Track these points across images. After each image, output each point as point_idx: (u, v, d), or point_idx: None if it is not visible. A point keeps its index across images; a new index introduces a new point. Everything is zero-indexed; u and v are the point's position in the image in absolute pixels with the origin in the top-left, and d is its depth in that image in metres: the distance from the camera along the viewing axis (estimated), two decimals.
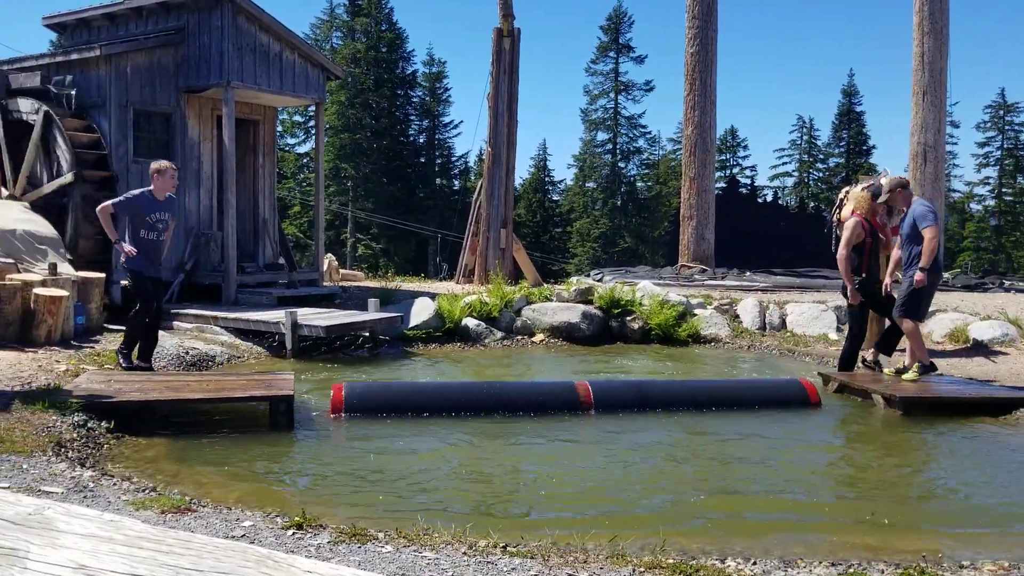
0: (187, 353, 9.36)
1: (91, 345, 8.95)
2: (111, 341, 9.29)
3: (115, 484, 4.64)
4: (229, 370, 9.22)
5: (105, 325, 10.11)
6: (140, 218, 7.96)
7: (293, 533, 3.81)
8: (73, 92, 11.85)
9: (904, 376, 8.43)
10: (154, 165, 8.25)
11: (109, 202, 8.07)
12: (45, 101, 11.71)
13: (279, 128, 46.57)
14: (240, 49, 12.36)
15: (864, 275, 8.74)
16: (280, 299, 12.41)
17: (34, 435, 5.39)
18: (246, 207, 13.99)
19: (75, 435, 5.69)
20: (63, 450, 5.32)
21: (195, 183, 12.87)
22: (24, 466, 4.74)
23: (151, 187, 8.08)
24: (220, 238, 12.84)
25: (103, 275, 10.61)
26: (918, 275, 8.17)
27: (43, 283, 9.11)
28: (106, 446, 5.77)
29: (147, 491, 4.55)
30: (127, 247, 7.84)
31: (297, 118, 49.54)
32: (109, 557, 1.15)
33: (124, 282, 12.31)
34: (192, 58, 12.48)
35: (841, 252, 8.75)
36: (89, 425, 5.97)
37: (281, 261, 14.46)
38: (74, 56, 12.09)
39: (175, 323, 11.02)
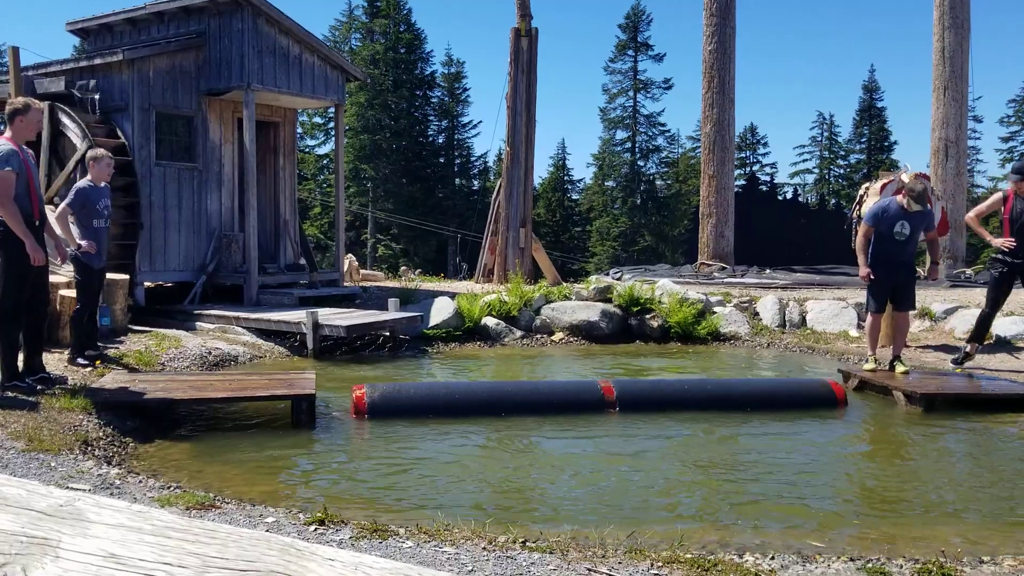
0: (210, 353, 9.46)
1: (115, 346, 9.07)
2: (135, 342, 9.41)
3: (140, 481, 4.72)
4: (251, 370, 9.31)
5: (129, 326, 10.24)
6: (91, 208, 7.90)
7: (315, 529, 3.87)
8: (97, 96, 11.99)
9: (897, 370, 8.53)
10: (90, 153, 8.25)
11: (63, 204, 7.97)
12: (69, 105, 11.86)
13: (299, 130, 46.87)
14: (260, 52, 12.46)
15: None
16: (301, 299, 12.51)
17: (61, 434, 5.49)
18: (267, 208, 14.10)
19: (101, 434, 5.78)
20: (90, 448, 5.41)
21: (216, 185, 12.99)
22: (52, 464, 4.83)
23: (89, 177, 8.04)
24: (242, 239, 12.95)
25: (127, 276, 10.74)
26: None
27: (68, 285, 9.23)
28: (131, 445, 5.86)
29: (172, 488, 4.62)
30: (85, 243, 7.82)
31: (317, 120, 49.81)
32: (138, 546, 1.19)
33: (148, 284, 12.51)
34: (213, 61, 12.60)
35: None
36: (115, 424, 6.06)
37: (302, 262, 14.56)
38: (97, 61, 12.24)
39: (198, 324, 11.14)
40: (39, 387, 6.55)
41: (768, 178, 59.54)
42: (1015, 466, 5.95)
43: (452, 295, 12.65)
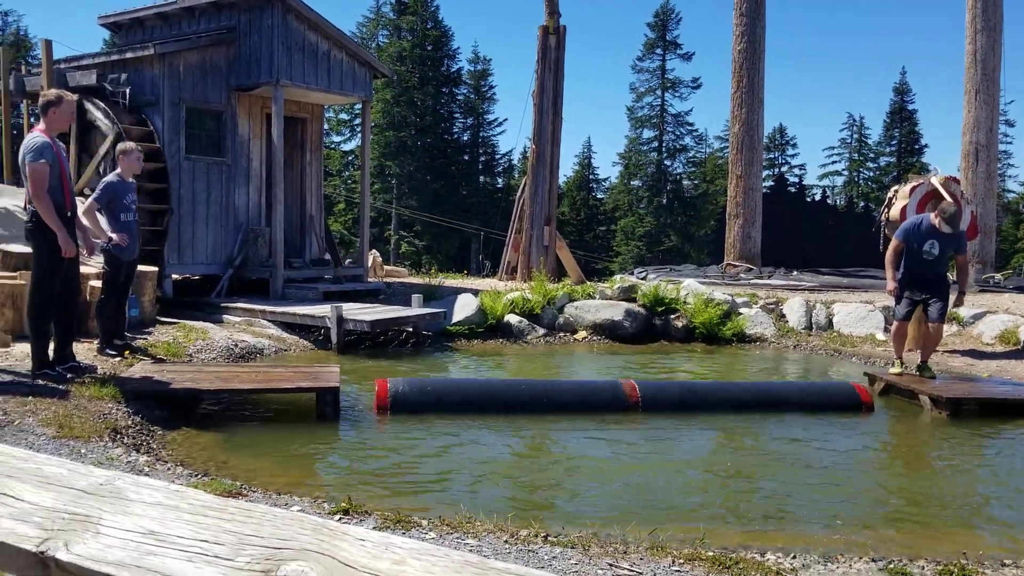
0: (236, 346, 9.56)
1: (144, 337, 9.19)
2: (163, 333, 9.53)
3: (169, 469, 4.79)
4: (276, 362, 9.40)
5: (157, 318, 10.36)
6: (118, 202, 7.98)
7: (340, 518, 3.91)
8: (128, 90, 12.13)
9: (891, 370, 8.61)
10: (120, 146, 8.34)
11: (91, 199, 8.04)
12: (100, 99, 12.01)
13: (325, 126, 47.11)
14: (289, 48, 12.55)
15: None
16: (326, 294, 12.59)
17: (92, 422, 5.58)
18: (293, 204, 14.20)
19: (130, 422, 5.87)
20: (119, 436, 5.49)
21: (244, 180, 13.10)
22: (82, 451, 4.92)
23: (118, 171, 8.14)
24: (268, 234, 13.05)
25: (155, 268, 10.87)
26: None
27: (98, 276, 9.36)
28: (159, 433, 5.95)
29: (200, 476, 4.69)
30: (116, 236, 7.91)
31: (343, 116, 50.06)
32: (176, 524, 1.22)
33: (176, 276, 12.65)
34: (243, 57, 12.71)
35: None
36: (143, 413, 6.15)
37: (327, 257, 14.65)
38: (128, 55, 12.38)
39: (224, 316, 11.25)
40: (69, 376, 6.65)
41: (796, 179, 59.10)
42: None
43: (475, 292, 12.69)
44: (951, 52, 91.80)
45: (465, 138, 53.64)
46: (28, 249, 7.43)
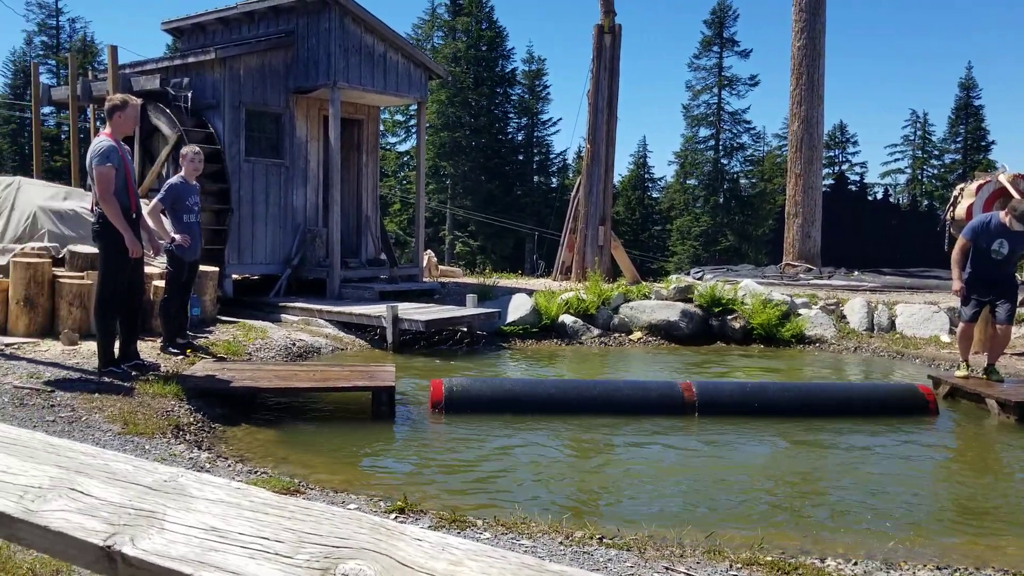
0: (294, 345, 9.69)
1: (205, 335, 9.38)
2: (223, 332, 9.71)
3: (229, 466, 4.88)
4: (333, 361, 9.51)
5: (218, 317, 10.57)
6: (181, 204, 8.16)
7: (395, 517, 3.94)
8: (190, 94, 12.40)
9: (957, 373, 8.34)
10: (183, 149, 8.53)
11: (155, 200, 8.22)
12: (163, 102, 12.29)
13: (381, 127, 47.60)
14: (346, 51, 12.70)
15: None
16: (381, 294, 12.71)
17: (155, 418, 5.71)
18: (350, 204, 14.36)
19: (192, 419, 6.00)
20: (181, 433, 5.62)
21: (302, 181, 13.29)
22: (146, 447, 5.04)
23: (181, 173, 8.31)
24: (325, 234, 13.22)
25: (216, 268, 11.08)
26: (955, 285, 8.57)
27: (161, 276, 9.58)
28: (220, 430, 6.06)
29: (259, 473, 4.77)
30: (179, 237, 8.04)
31: (398, 117, 50.48)
32: (237, 521, 1.23)
33: (236, 276, 12.89)
34: (301, 60, 12.90)
35: None
36: (204, 410, 6.28)
37: (382, 257, 14.78)
38: (190, 59, 12.65)
39: (282, 316, 11.43)
40: (134, 373, 6.82)
41: (857, 178, 57.91)
42: None
43: (529, 292, 12.68)
44: (1020, 46, 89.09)
45: (519, 138, 53.69)
46: (95, 250, 7.63)
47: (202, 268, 10.55)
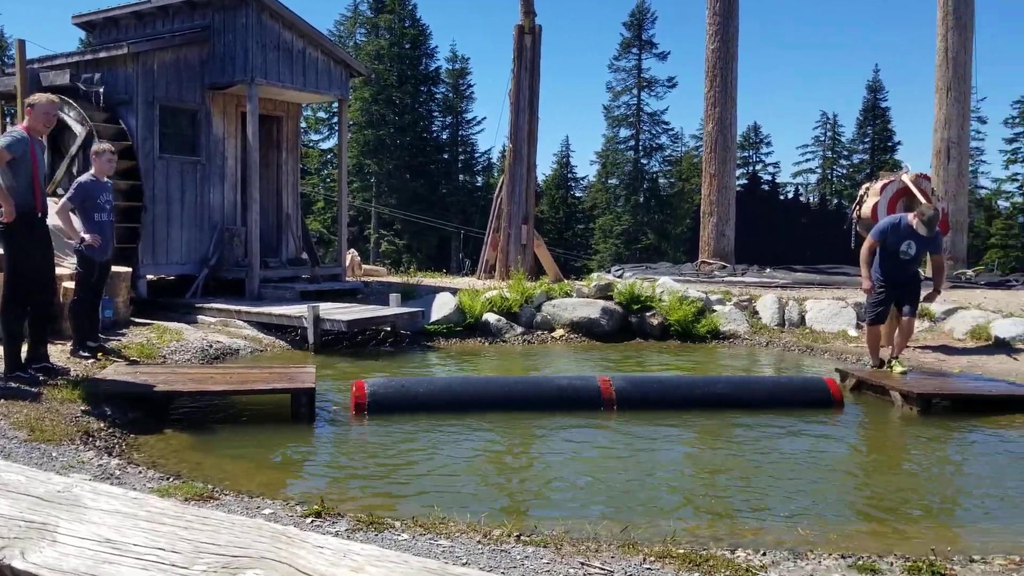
0: (211, 347, 9.51)
1: (117, 338, 9.12)
2: (137, 334, 9.46)
3: (140, 472, 4.77)
4: (252, 363, 9.36)
5: (131, 319, 10.29)
6: (91, 202, 7.92)
7: (312, 521, 3.91)
8: (101, 89, 12.04)
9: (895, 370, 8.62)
10: (93, 147, 8.32)
11: (64, 198, 7.98)
12: (74, 98, 11.91)
13: (303, 124, 46.92)
14: (264, 46, 12.51)
15: None
16: (303, 294, 12.56)
17: (63, 424, 5.54)
18: (270, 203, 14.14)
19: (102, 425, 5.83)
20: (91, 439, 5.46)
21: (219, 179, 13.03)
22: (53, 454, 4.89)
23: (92, 171, 8.09)
24: (244, 233, 12.99)
25: (129, 269, 10.80)
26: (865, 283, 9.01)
27: (71, 277, 9.28)
28: (132, 436, 5.91)
29: (171, 479, 4.67)
30: (88, 237, 7.80)
31: (321, 114, 49.85)
32: (133, 532, 1.23)
33: (150, 276, 12.56)
34: (217, 55, 12.65)
35: None
36: (116, 415, 6.11)
37: (304, 256, 14.59)
38: (102, 54, 12.28)
39: (199, 317, 11.19)
40: (42, 377, 6.60)
41: (770, 177, 59.53)
42: (1009, 467, 5.98)
43: (454, 291, 12.69)
44: (923, 50, 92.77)
45: (444, 137, 53.59)
46: None
47: (114, 268, 10.25)
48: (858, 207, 11.39)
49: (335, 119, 47.21)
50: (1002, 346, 10.25)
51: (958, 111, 16.52)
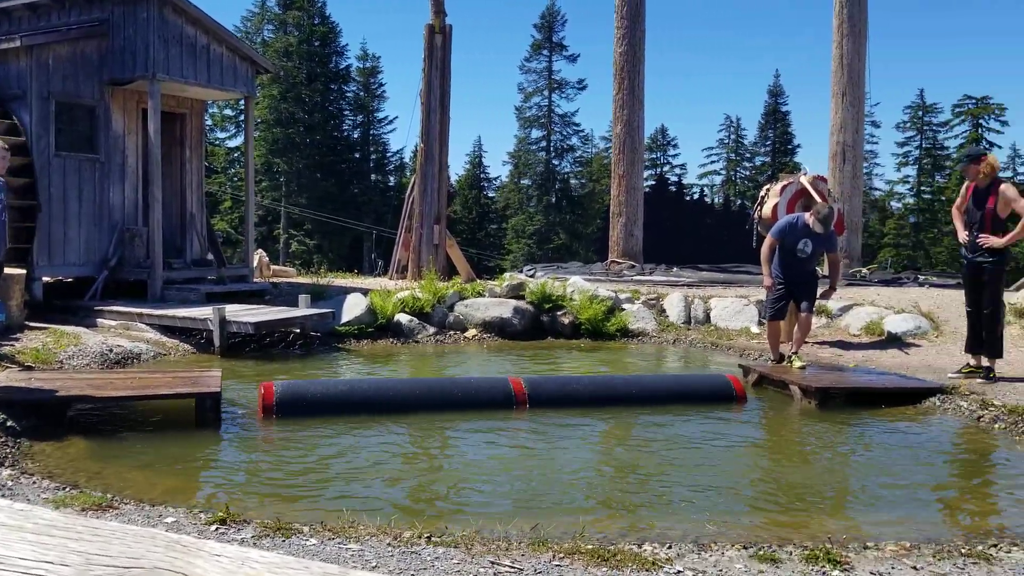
0: (111, 351, 9.20)
1: (11, 343, 8.73)
2: (32, 339, 9.08)
3: (35, 483, 4.59)
4: (155, 368, 9.09)
5: (26, 323, 9.87)
6: None
7: (216, 528, 3.83)
8: None
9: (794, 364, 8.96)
10: None
11: None
12: None
13: (208, 122, 45.79)
14: (166, 41, 12.16)
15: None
16: (208, 295, 12.25)
17: None
18: (173, 202, 13.76)
19: None
20: None
21: (120, 177, 12.62)
22: None
23: None
24: (146, 233, 12.61)
25: (23, 271, 10.36)
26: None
27: None
28: (26, 445, 5.67)
29: (68, 489, 4.51)
30: None
31: (228, 112, 48.69)
32: (19, 545, 1.19)
33: (47, 278, 12.05)
34: (117, 50, 12.24)
35: None
36: (8, 424, 5.85)
37: (210, 257, 14.25)
38: None
39: (99, 320, 10.81)
40: None
41: (677, 179, 60.88)
42: (901, 457, 6.26)
43: (365, 292, 12.57)
44: (821, 56, 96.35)
45: (356, 135, 53.00)
46: None
47: (7, 270, 9.79)
48: (759, 208, 11.77)
49: (242, 117, 46.17)
50: (894, 341, 10.73)
51: (853, 115, 17.21)
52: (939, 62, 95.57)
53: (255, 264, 15.37)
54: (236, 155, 48.87)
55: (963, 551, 3.99)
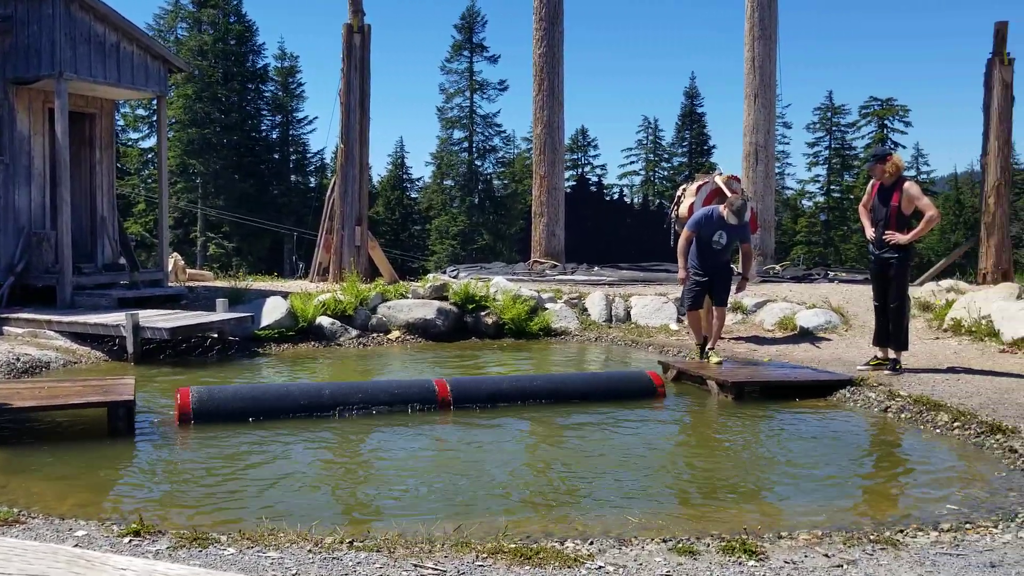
0: (18, 360, 8.86)
1: None
2: None
3: None
4: (64, 376, 8.79)
5: None
6: None
7: (130, 540, 3.73)
8: None
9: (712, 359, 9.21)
10: None
11: None
12: None
13: (120, 122, 44.46)
14: (73, 39, 11.77)
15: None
16: (121, 301, 11.90)
17: None
18: (83, 204, 13.32)
19: None
20: None
21: (26, 179, 12.16)
22: None
23: None
24: (54, 237, 12.18)
25: None
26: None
27: None
28: None
29: None
30: None
31: (140, 112, 47.35)
32: None
33: None
34: (21, 48, 11.80)
35: None
36: None
37: (122, 261, 13.85)
38: None
39: (5, 328, 10.40)
40: None
41: (597, 179, 61.53)
42: (814, 448, 6.47)
43: (285, 294, 12.38)
44: (734, 58, 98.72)
45: (274, 136, 52.09)
46: None
47: None
48: (676, 207, 12.02)
49: (155, 117, 44.93)
50: (806, 335, 11.08)
51: (765, 116, 17.69)
52: (847, 65, 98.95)
53: (170, 268, 14.99)
54: (150, 156, 47.49)
55: (871, 537, 4.15)
